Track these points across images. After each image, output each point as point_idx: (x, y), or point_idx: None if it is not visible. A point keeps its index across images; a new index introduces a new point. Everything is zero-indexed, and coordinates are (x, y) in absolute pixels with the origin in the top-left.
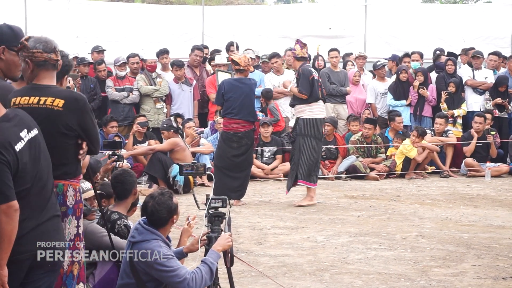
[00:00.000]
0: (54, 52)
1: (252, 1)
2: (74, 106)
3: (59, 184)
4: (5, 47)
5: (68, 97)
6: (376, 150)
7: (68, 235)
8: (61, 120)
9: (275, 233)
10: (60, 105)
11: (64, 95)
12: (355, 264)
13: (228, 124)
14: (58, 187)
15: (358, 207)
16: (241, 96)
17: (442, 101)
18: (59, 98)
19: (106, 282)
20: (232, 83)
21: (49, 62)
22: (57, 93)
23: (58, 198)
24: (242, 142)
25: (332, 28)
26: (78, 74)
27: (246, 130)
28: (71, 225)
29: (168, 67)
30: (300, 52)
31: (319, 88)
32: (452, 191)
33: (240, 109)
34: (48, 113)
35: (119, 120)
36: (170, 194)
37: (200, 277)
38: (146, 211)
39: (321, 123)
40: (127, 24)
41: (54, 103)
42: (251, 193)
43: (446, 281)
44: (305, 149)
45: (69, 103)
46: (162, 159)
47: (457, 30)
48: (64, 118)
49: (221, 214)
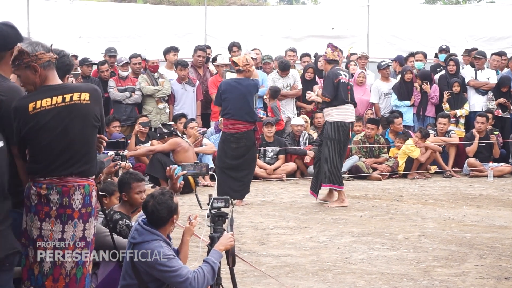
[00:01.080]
0: (51, 50)
1: (255, 0)
2: (97, 96)
3: (86, 185)
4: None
5: (90, 89)
6: (378, 150)
7: (90, 235)
8: (91, 113)
9: (278, 233)
10: (87, 98)
11: (86, 88)
12: (357, 264)
13: (227, 124)
14: (85, 188)
15: (361, 207)
16: (237, 96)
17: (445, 101)
18: (84, 92)
19: (109, 282)
20: (230, 83)
21: (51, 61)
22: (78, 87)
23: (85, 199)
24: (240, 143)
25: (334, 29)
26: (79, 73)
27: (245, 131)
28: (92, 225)
29: (173, 66)
30: (331, 55)
31: (348, 91)
32: (454, 191)
33: (236, 109)
34: (79, 108)
35: (122, 120)
36: (171, 194)
37: (202, 277)
38: (146, 210)
39: (347, 127)
40: (129, 24)
41: (81, 97)
42: (254, 193)
43: (449, 281)
44: (327, 152)
45: (93, 95)
46: (162, 160)
47: (459, 30)
48: (92, 110)
49: (224, 214)
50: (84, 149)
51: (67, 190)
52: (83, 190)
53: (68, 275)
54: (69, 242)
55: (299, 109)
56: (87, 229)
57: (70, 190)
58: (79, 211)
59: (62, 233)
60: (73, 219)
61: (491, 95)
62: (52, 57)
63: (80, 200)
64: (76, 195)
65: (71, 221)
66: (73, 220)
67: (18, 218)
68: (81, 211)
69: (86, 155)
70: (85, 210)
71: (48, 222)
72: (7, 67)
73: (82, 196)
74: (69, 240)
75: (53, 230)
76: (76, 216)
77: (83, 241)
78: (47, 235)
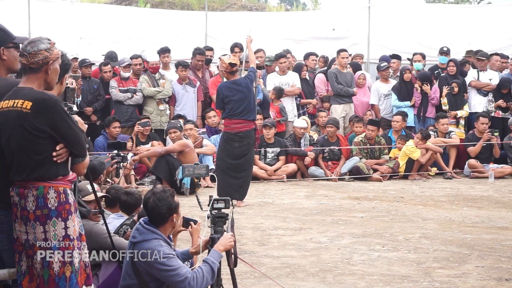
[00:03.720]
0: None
1: (256, 1)
2: (42, 106)
3: (40, 186)
4: (3, 48)
5: (36, 99)
6: (379, 152)
7: (55, 236)
8: (28, 122)
9: (278, 234)
10: (28, 107)
11: (32, 97)
12: (358, 265)
13: (229, 124)
14: (38, 190)
15: (361, 208)
16: (240, 97)
17: (443, 95)
18: (28, 100)
19: (110, 283)
20: (229, 86)
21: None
22: (25, 95)
23: (39, 200)
24: (243, 141)
25: (335, 30)
26: (79, 75)
27: (247, 130)
28: (56, 227)
29: (169, 66)
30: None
31: None
32: (455, 193)
33: (241, 109)
34: (17, 115)
35: (122, 121)
36: (172, 192)
37: (201, 277)
38: (146, 207)
39: None
40: (130, 26)
41: (24, 105)
42: (254, 194)
43: (449, 282)
44: None
45: (37, 104)
46: (170, 160)
47: (461, 31)
48: (31, 119)
49: (224, 215)
50: (28, 155)
51: (23, 192)
52: (36, 192)
53: (38, 276)
54: (33, 243)
55: (299, 109)
56: (48, 231)
57: (25, 192)
58: (33, 213)
59: (27, 234)
60: (30, 220)
61: (491, 97)
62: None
63: (33, 202)
64: (29, 197)
65: (29, 223)
66: (30, 222)
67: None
68: (36, 213)
69: (32, 161)
70: (40, 212)
71: (17, 223)
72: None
73: (34, 198)
74: (32, 241)
75: (21, 231)
76: (32, 218)
77: (45, 242)
78: (17, 236)
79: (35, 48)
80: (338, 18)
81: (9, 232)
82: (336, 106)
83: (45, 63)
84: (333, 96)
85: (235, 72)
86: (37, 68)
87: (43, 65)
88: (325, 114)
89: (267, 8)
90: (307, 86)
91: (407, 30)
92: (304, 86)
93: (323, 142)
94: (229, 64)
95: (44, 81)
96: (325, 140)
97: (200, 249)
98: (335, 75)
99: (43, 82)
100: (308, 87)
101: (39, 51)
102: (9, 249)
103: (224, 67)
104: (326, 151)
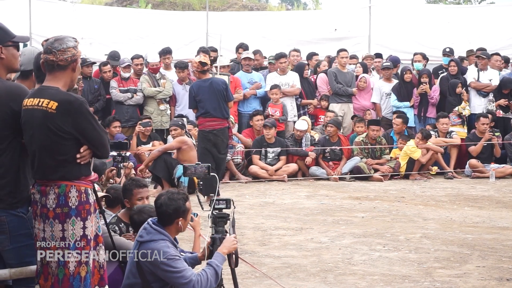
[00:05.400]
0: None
1: (256, 1)
2: (67, 108)
3: (62, 184)
4: (2, 46)
5: (62, 100)
6: (380, 151)
7: (73, 236)
8: (53, 122)
9: (279, 234)
10: (54, 107)
11: (58, 98)
12: (359, 265)
13: (203, 122)
14: (60, 188)
15: (362, 208)
16: (211, 95)
17: (465, 100)
18: (54, 100)
19: (110, 283)
20: (200, 85)
21: None
22: (51, 95)
23: (60, 198)
24: (217, 139)
25: (337, 30)
26: (80, 76)
27: (220, 128)
28: (75, 226)
29: (170, 66)
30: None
31: None
32: (456, 192)
33: (212, 107)
34: (44, 114)
35: (123, 121)
36: (186, 197)
37: (206, 279)
38: (156, 203)
39: None
40: (131, 27)
41: (49, 105)
42: (255, 194)
43: (450, 282)
44: None
45: (63, 106)
46: (168, 160)
47: (462, 31)
48: (56, 120)
49: (225, 215)
50: (51, 155)
51: (44, 189)
52: (58, 190)
53: (53, 275)
54: (49, 242)
55: (300, 110)
56: (66, 230)
57: (46, 189)
58: (53, 211)
59: (44, 232)
60: (48, 218)
61: (492, 97)
62: None
63: (53, 200)
64: (50, 195)
65: (47, 221)
66: (49, 220)
67: (15, 219)
68: (56, 211)
69: (54, 161)
70: (60, 210)
71: (36, 221)
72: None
73: (56, 196)
74: (50, 240)
75: (39, 228)
76: (51, 216)
77: (63, 242)
78: (36, 233)
79: (63, 45)
80: (339, 18)
81: (11, 233)
82: (334, 105)
83: (73, 61)
84: (331, 95)
85: (206, 71)
86: (65, 66)
87: (71, 63)
88: (333, 114)
89: (268, 8)
90: (308, 85)
91: (408, 30)
92: (305, 86)
93: (324, 142)
94: (199, 63)
95: (70, 80)
96: (326, 140)
97: (206, 253)
98: (335, 74)
99: (69, 80)
100: (309, 86)
101: (67, 48)
102: (10, 250)
103: (195, 67)
104: (327, 151)
